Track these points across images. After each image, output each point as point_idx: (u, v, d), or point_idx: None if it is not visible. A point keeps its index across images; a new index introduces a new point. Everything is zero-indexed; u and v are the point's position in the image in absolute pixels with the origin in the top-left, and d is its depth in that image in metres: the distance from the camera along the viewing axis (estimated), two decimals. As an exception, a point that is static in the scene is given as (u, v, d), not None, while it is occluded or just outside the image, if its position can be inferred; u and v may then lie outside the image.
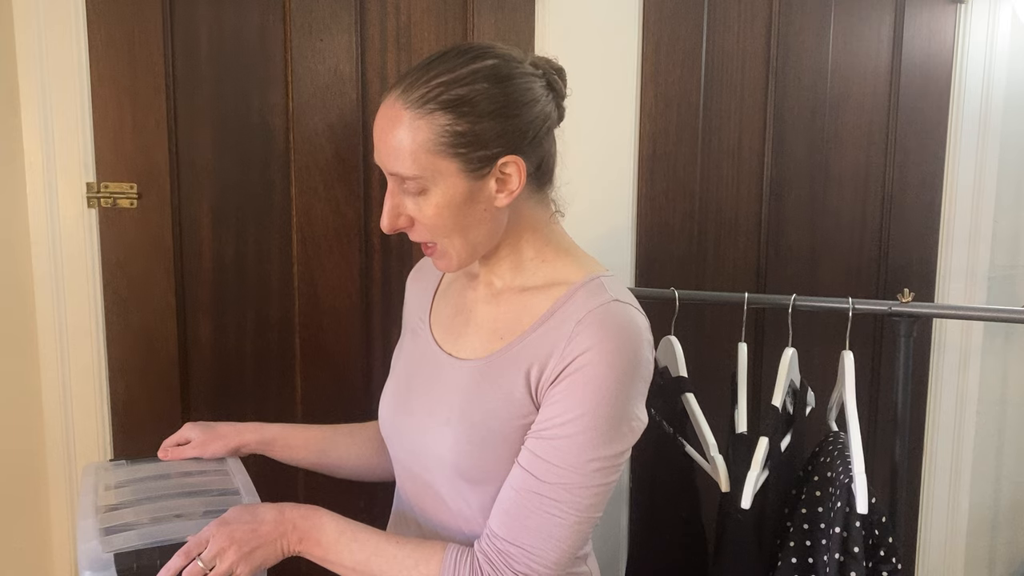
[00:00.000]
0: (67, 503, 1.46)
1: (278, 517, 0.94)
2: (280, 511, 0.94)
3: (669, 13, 1.65)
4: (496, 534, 0.91)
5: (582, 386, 0.88)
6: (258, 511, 0.94)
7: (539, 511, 0.89)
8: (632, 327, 0.91)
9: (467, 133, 0.88)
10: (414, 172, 0.90)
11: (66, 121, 1.39)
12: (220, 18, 1.45)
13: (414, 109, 0.88)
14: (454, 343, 1.03)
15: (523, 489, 0.90)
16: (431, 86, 0.88)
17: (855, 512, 1.26)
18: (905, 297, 1.43)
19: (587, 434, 0.88)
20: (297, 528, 0.94)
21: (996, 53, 1.82)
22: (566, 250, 1.01)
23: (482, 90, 0.89)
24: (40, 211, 1.40)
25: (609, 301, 0.92)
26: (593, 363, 0.88)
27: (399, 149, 0.89)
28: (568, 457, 0.89)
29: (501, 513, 0.92)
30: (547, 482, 0.89)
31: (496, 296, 1.01)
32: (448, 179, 0.90)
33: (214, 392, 1.52)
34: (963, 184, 1.84)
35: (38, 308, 1.42)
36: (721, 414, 1.47)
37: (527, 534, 0.89)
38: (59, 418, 1.44)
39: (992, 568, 2.06)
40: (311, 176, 1.52)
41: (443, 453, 0.96)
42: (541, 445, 0.90)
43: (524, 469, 0.91)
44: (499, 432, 0.93)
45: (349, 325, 1.57)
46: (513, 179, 0.92)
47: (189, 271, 1.48)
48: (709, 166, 1.72)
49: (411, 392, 1.05)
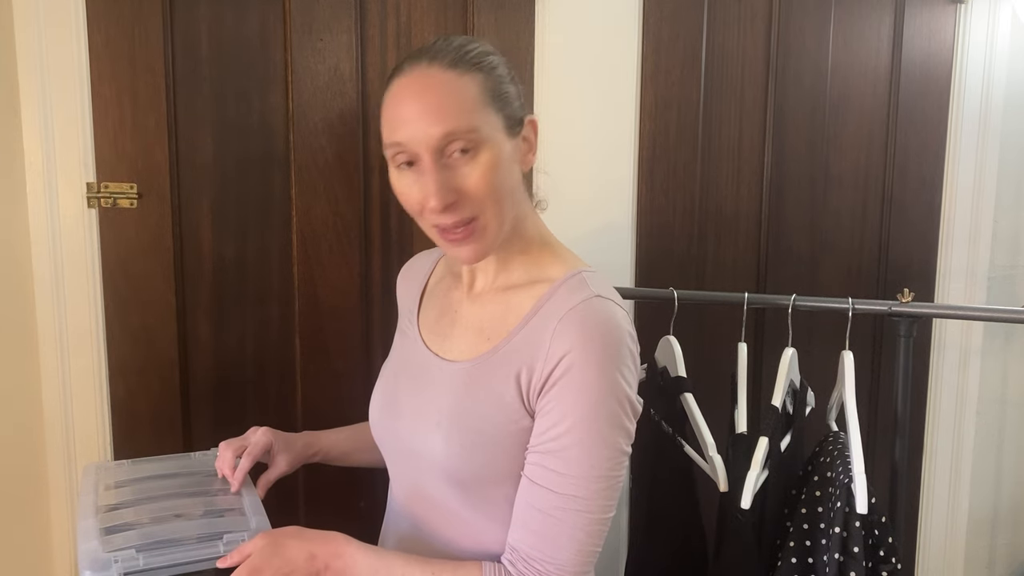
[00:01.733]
0: (67, 503, 1.46)
1: (309, 559, 0.90)
2: (310, 551, 0.91)
3: (669, 13, 1.65)
4: (524, 550, 0.91)
5: (573, 391, 0.88)
6: (288, 552, 0.90)
7: (561, 523, 0.89)
8: (612, 323, 0.90)
9: (500, 92, 0.93)
10: (471, 124, 0.88)
11: (66, 121, 1.39)
12: (220, 18, 1.45)
13: (455, 69, 0.90)
14: (441, 344, 1.03)
15: (541, 505, 0.90)
16: (460, 52, 0.91)
17: (855, 512, 1.26)
18: (905, 297, 1.43)
19: (590, 437, 0.88)
20: (330, 568, 0.91)
21: (996, 53, 1.82)
22: (549, 245, 1.01)
23: (496, 59, 0.95)
24: (40, 211, 1.40)
25: (590, 298, 0.91)
26: (578, 364, 0.88)
27: (448, 107, 0.88)
28: (577, 465, 0.88)
29: (524, 530, 0.91)
30: (563, 493, 0.89)
31: (479, 296, 1.01)
32: (496, 135, 0.91)
33: (214, 392, 1.52)
34: (963, 184, 1.84)
35: (38, 308, 1.42)
36: (721, 414, 1.47)
37: (554, 547, 0.89)
38: (59, 418, 1.44)
39: (992, 568, 2.06)
40: (311, 176, 1.52)
41: (434, 456, 0.96)
42: (548, 459, 0.90)
43: (538, 485, 0.90)
44: (492, 436, 0.93)
45: (349, 325, 1.57)
46: (532, 140, 0.97)
47: (189, 271, 1.48)
48: (709, 166, 1.72)
49: (399, 394, 1.05)
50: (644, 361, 1.55)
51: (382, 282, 1.58)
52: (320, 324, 1.55)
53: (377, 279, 1.58)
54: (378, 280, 1.58)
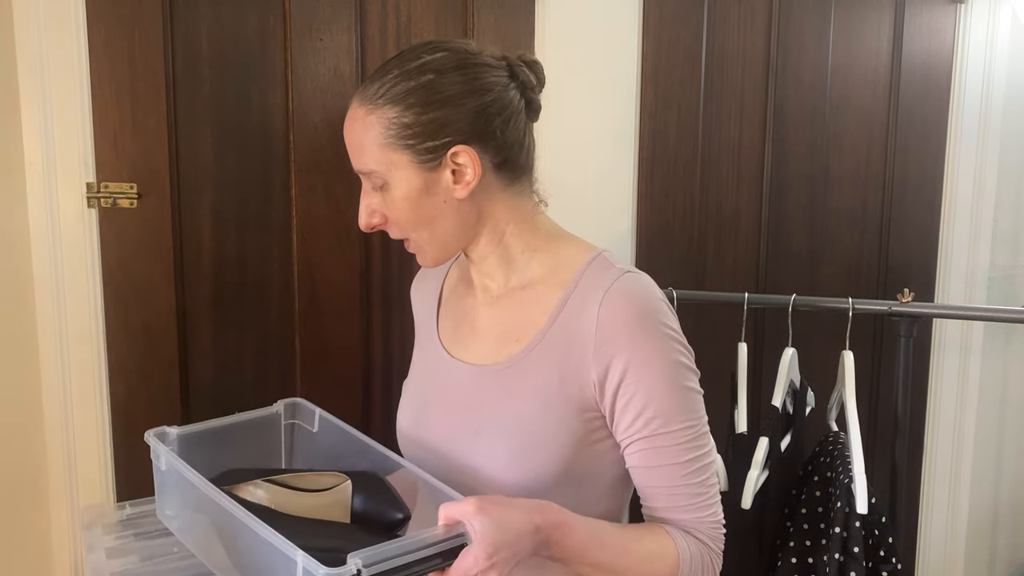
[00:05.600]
0: (67, 503, 1.46)
1: (535, 531, 0.82)
2: (535, 524, 0.82)
3: (669, 13, 1.65)
4: (684, 519, 0.93)
5: (647, 374, 0.89)
6: (517, 526, 0.80)
7: (700, 482, 0.92)
8: (650, 292, 0.92)
9: (413, 124, 0.89)
10: (371, 167, 0.92)
11: (66, 121, 1.39)
12: (220, 18, 1.45)
13: (366, 105, 0.91)
14: (465, 352, 1.01)
15: (676, 480, 0.92)
16: (383, 82, 0.91)
17: (855, 512, 1.27)
18: (905, 297, 1.44)
19: (678, 406, 0.91)
20: (550, 539, 0.84)
21: (996, 53, 1.82)
22: (557, 236, 1.00)
23: (427, 82, 0.90)
24: (40, 211, 1.40)
25: (621, 274, 0.92)
26: (640, 346, 0.89)
27: (358, 146, 0.92)
28: (679, 427, 0.90)
29: (673, 502, 0.93)
30: (687, 460, 0.91)
31: (496, 300, 1.00)
32: (402, 171, 0.91)
33: (214, 392, 1.52)
34: (963, 184, 1.84)
35: (38, 308, 1.42)
36: (721, 414, 1.47)
37: (703, 504, 0.93)
38: (59, 418, 1.44)
39: (992, 568, 2.06)
40: (311, 176, 1.52)
41: (477, 465, 0.94)
42: (658, 439, 0.90)
43: (662, 466, 0.91)
44: (539, 438, 0.91)
45: (349, 325, 1.57)
46: (467, 170, 0.91)
47: (189, 271, 1.48)
48: (709, 166, 1.72)
49: (428, 406, 1.02)
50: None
51: (382, 282, 1.58)
52: (320, 324, 1.55)
53: (377, 279, 1.58)
54: (378, 280, 1.58)
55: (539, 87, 0.98)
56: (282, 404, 1.11)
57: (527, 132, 0.97)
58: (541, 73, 0.98)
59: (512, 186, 0.96)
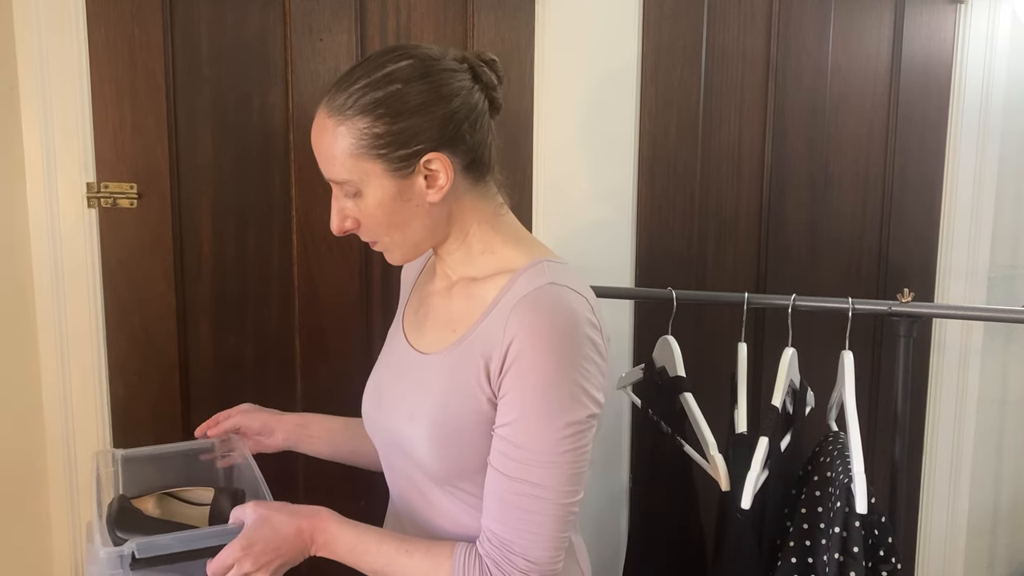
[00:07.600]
0: (67, 503, 1.47)
1: (297, 533, 0.96)
2: (298, 526, 0.96)
3: (669, 13, 1.65)
4: (494, 534, 0.92)
5: (523, 374, 0.89)
6: (277, 526, 0.95)
7: (522, 508, 0.90)
8: (562, 307, 0.91)
9: (385, 134, 0.91)
10: (344, 177, 0.94)
11: (66, 121, 1.39)
12: (220, 18, 1.45)
13: (336, 116, 0.93)
14: (418, 337, 1.05)
15: (501, 490, 0.91)
16: (350, 92, 0.92)
17: (855, 512, 1.26)
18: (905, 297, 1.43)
19: (539, 422, 0.89)
20: (315, 542, 0.97)
21: (996, 53, 1.82)
22: (514, 239, 1.02)
23: (396, 91, 0.91)
24: (40, 211, 1.40)
25: (544, 285, 0.92)
26: (527, 350, 0.89)
27: (328, 156, 0.94)
28: (530, 445, 0.89)
29: (490, 517, 0.93)
30: (517, 478, 0.90)
31: (450, 288, 1.03)
32: (375, 180, 0.93)
33: (214, 392, 1.52)
34: (963, 184, 1.84)
35: (38, 308, 1.42)
36: (721, 414, 1.47)
37: (518, 533, 0.91)
38: (59, 418, 1.44)
39: (992, 568, 2.06)
40: (311, 176, 1.52)
41: (411, 450, 0.98)
42: (503, 443, 0.91)
43: (497, 471, 0.92)
44: (458, 430, 0.94)
45: (349, 325, 1.57)
46: (440, 175, 0.94)
47: (189, 271, 1.48)
48: (709, 166, 1.72)
49: (382, 387, 1.07)
50: (643, 361, 1.55)
51: (382, 282, 1.58)
52: (320, 324, 1.56)
53: (377, 279, 1.58)
54: (378, 280, 1.58)
55: (500, 85, 1.00)
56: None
57: (490, 130, 0.99)
58: (500, 71, 1.00)
59: (477, 186, 0.99)
